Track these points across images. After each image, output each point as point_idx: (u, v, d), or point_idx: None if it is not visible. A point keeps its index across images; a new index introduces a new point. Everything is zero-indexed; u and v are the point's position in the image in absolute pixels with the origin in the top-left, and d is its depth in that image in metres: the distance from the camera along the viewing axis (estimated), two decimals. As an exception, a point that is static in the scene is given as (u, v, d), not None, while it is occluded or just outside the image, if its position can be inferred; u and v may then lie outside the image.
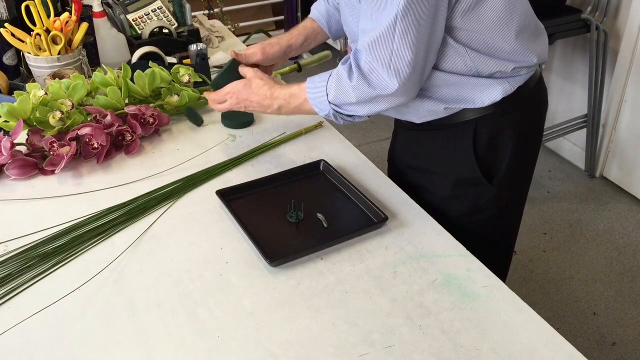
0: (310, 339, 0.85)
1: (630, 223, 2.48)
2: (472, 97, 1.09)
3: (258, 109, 1.18)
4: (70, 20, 1.44)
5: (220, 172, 1.22)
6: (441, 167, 1.19)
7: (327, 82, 1.07)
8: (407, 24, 0.94)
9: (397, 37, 0.95)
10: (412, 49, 0.96)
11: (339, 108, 1.07)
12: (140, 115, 1.30)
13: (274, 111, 1.16)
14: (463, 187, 1.18)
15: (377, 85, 1.00)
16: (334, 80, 1.05)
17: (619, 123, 2.58)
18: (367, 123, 3.20)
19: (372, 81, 1.01)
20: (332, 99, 1.07)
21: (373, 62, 0.99)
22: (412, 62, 0.97)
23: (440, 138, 1.17)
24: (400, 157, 1.30)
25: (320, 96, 1.08)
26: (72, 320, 0.89)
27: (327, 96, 1.06)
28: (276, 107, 1.15)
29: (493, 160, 1.16)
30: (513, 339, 0.85)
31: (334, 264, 0.99)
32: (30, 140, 1.24)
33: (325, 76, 1.08)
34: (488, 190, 1.18)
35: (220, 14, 3.46)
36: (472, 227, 1.21)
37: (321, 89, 1.08)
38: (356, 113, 1.07)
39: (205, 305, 0.91)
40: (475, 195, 1.19)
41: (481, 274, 0.97)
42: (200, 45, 1.51)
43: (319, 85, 1.08)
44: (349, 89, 1.03)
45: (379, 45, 0.97)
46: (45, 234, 1.05)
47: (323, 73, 1.10)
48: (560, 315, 2.07)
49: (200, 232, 1.06)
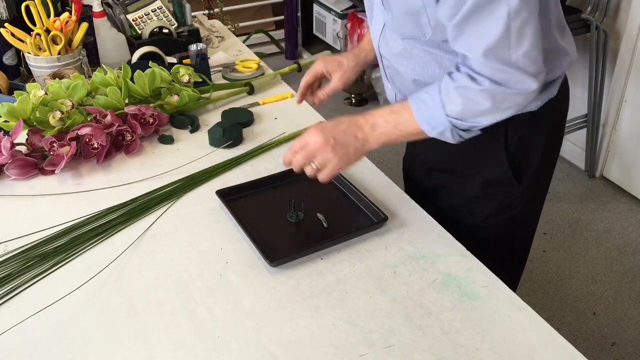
0: (310, 339, 0.85)
1: (630, 223, 2.48)
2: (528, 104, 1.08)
3: (353, 144, 1.00)
4: (70, 20, 1.44)
5: (220, 172, 1.22)
6: (471, 167, 1.17)
7: (440, 94, 0.97)
8: (522, 21, 0.88)
9: (514, 38, 0.89)
10: (531, 43, 0.90)
11: (461, 121, 0.97)
12: (140, 115, 1.30)
13: (371, 138, 1.01)
14: (492, 187, 1.16)
15: (511, 85, 0.93)
16: (454, 91, 0.96)
17: (619, 123, 2.58)
18: (367, 123, 3.20)
19: (505, 82, 0.93)
20: (453, 113, 0.96)
21: (498, 65, 0.92)
22: (535, 54, 0.92)
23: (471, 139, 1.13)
24: (423, 159, 1.27)
25: (433, 111, 0.98)
26: (72, 320, 0.89)
27: (444, 109, 0.96)
28: (370, 128, 1.00)
29: (523, 159, 1.15)
30: (513, 339, 0.85)
31: (334, 264, 0.99)
32: (30, 140, 1.24)
33: (433, 90, 0.98)
34: (516, 189, 1.17)
35: (220, 14, 3.46)
36: (498, 227, 1.21)
37: (434, 103, 0.97)
38: (480, 123, 0.98)
39: (205, 305, 0.91)
40: (504, 195, 1.18)
41: (481, 274, 0.97)
42: (200, 45, 1.51)
43: (429, 99, 0.98)
44: (481, 95, 0.94)
45: (498, 53, 0.90)
46: (45, 234, 1.05)
47: (425, 89, 1.01)
48: (560, 315, 2.06)
49: (200, 232, 1.06)
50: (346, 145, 0.99)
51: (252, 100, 1.49)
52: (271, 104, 1.49)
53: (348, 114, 1.02)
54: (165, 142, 1.32)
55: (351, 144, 1.00)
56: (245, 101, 1.49)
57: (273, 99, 1.50)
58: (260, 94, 1.53)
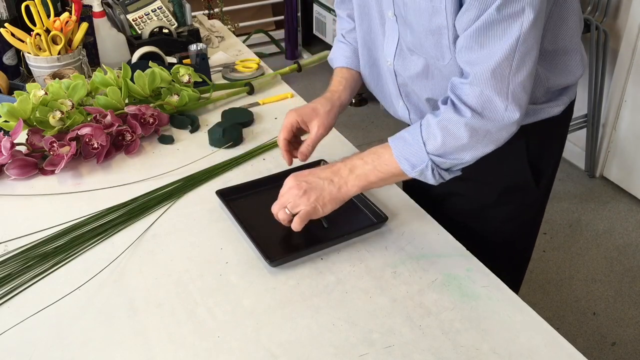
0: (310, 339, 0.85)
1: (630, 223, 2.48)
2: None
3: (328, 188, 0.99)
4: (70, 20, 1.44)
5: (220, 172, 1.22)
6: (489, 174, 1.14)
7: (420, 131, 0.95)
8: (527, 47, 0.87)
9: (515, 63, 0.88)
10: (529, 71, 0.89)
11: (441, 158, 0.95)
12: (140, 115, 1.30)
13: (349, 181, 0.99)
14: (510, 193, 1.15)
15: (495, 117, 0.91)
16: (435, 126, 0.93)
17: (619, 123, 2.58)
18: (367, 123, 3.20)
19: (488, 114, 0.91)
20: (433, 149, 0.94)
21: (489, 93, 0.90)
22: (528, 85, 0.91)
23: None
24: None
25: (414, 150, 0.95)
26: (72, 320, 0.89)
27: (425, 146, 0.94)
28: (347, 171, 0.99)
29: (542, 163, 1.14)
30: (513, 339, 0.85)
31: (334, 264, 0.99)
32: (30, 140, 1.24)
33: (414, 128, 0.97)
34: (533, 193, 1.17)
35: (220, 14, 3.46)
36: (511, 232, 1.21)
37: (415, 141, 0.95)
38: (462, 160, 0.95)
39: (205, 305, 0.91)
40: (521, 200, 1.17)
41: (481, 274, 0.97)
42: (200, 45, 1.51)
43: (409, 137, 0.96)
44: (461, 128, 0.92)
45: (498, 74, 0.88)
46: (45, 234, 1.05)
47: (406, 129, 0.99)
48: (560, 315, 2.06)
49: (200, 232, 1.06)
50: (320, 189, 0.98)
51: (252, 100, 1.49)
52: (271, 104, 1.49)
53: (348, 114, 1.02)
54: (165, 142, 1.32)
55: (326, 189, 0.98)
56: (245, 101, 1.49)
57: (273, 99, 1.50)
58: (260, 94, 1.53)
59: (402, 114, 1.18)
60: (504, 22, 0.85)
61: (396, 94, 1.15)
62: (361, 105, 3.37)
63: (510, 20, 0.85)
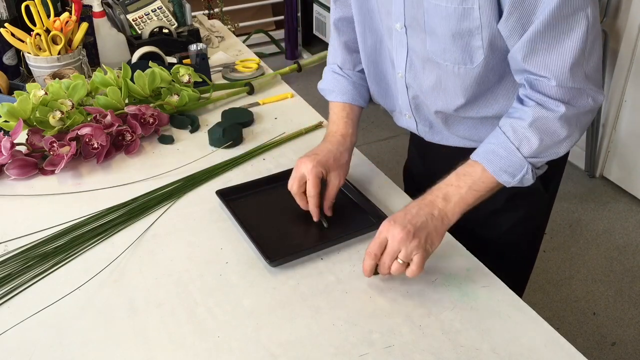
0: (310, 339, 0.85)
1: (630, 223, 2.48)
2: None
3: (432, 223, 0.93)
4: (70, 20, 1.44)
5: (220, 172, 1.22)
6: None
7: (508, 140, 0.93)
8: (595, 32, 0.87)
9: (588, 50, 0.88)
10: (599, 54, 0.90)
11: (538, 158, 0.93)
12: (140, 115, 1.30)
13: (448, 211, 0.94)
14: (520, 198, 1.14)
15: (584, 104, 0.91)
16: (526, 129, 0.92)
17: (619, 123, 2.58)
18: (367, 123, 3.20)
19: (578, 102, 0.91)
20: (530, 152, 0.93)
21: (572, 84, 0.89)
22: (600, 64, 0.91)
23: None
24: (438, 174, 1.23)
25: (510, 160, 0.93)
26: (72, 320, 0.89)
27: (520, 151, 0.92)
28: (443, 202, 0.94)
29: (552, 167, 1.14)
30: (513, 339, 0.85)
31: (334, 264, 0.99)
32: (30, 140, 1.24)
33: (498, 138, 0.94)
34: (543, 198, 1.16)
35: (220, 14, 3.46)
36: (520, 237, 1.20)
37: (507, 151, 0.93)
38: (558, 153, 0.94)
39: (205, 305, 0.91)
40: (530, 205, 1.17)
41: (481, 274, 0.96)
42: (200, 45, 1.51)
43: (499, 148, 0.94)
44: (557, 123, 0.91)
45: (575, 66, 0.88)
46: (45, 234, 1.05)
47: (486, 143, 0.96)
48: (560, 315, 2.06)
49: (200, 232, 1.06)
50: (426, 227, 0.91)
51: (252, 100, 1.49)
52: (271, 104, 1.49)
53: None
54: (165, 142, 1.32)
55: (430, 224, 0.92)
56: (245, 101, 1.49)
57: (273, 99, 1.50)
58: (260, 94, 1.53)
59: (409, 125, 1.18)
60: (572, 17, 0.84)
61: (406, 106, 1.13)
62: (361, 105, 3.37)
63: (577, 13, 0.84)
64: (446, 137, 1.14)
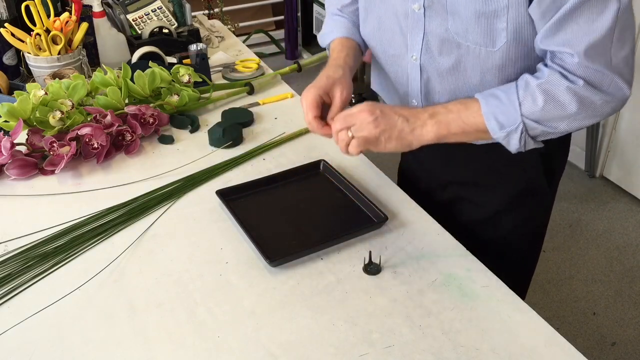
0: (310, 339, 0.85)
1: (630, 223, 2.48)
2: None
3: (400, 125, 0.93)
4: (70, 20, 1.44)
5: (220, 172, 1.22)
6: (502, 178, 1.13)
7: (516, 91, 0.91)
8: (626, 20, 0.85)
9: (616, 37, 0.86)
10: (630, 46, 0.87)
11: (536, 124, 0.91)
12: (140, 115, 1.30)
13: (427, 125, 0.93)
14: (524, 197, 1.14)
15: (605, 90, 0.89)
16: (537, 88, 0.89)
17: (619, 123, 2.58)
18: (367, 123, 3.20)
19: (599, 85, 0.88)
20: (530, 112, 0.90)
21: (595, 67, 0.87)
22: (631, 60, 0.89)
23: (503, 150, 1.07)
24: (435, 174, 1.22)
25: (506, 109, 0.91)
26: (72, 320, 0.89)
27: (520, 108, 0.90)
28: (427, 116, 0.93)
29: (554, 166, 1.13)
30: (513, 339, 0.85)
31: (334, 264, 0.99)
32: (30, 140, 1.24)
33: (509, 87, 0.92)
34: (546, 197, 1.16)
35: (220, 14, 3.46)
36: (523, 238, 1.20)
37: (509, 100, 0.91)
38: (556, 129, 0.92)
39: (205, 305, 0.91)
40: (534, 204, 1.16)
41: (481, 274, 0.96)
42: (200, 45, 1.51)
43: (503, 95, 0.91)
44: (568, 96, 0.88)
45: (600, 49, 0.86)
46: (45, 234, 1.05)
47: (497, 87, 0.94)
48: (560, 315, 2.07)
49: (200, 232, 1.06)
50: (392, 123, 0.92)
51: (252, 100, 1.49)
52: (271, 104, 1.49)
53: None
54: (165, 142, 1.32)
55: (398, 125, 0.92)
56: (245, 101, 1.49)
57: (273, 99, 1.50)
58: (260, 94, 1.53)
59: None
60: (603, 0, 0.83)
61: (416, 92, 1.09)
62: (361, 105, 3.37)
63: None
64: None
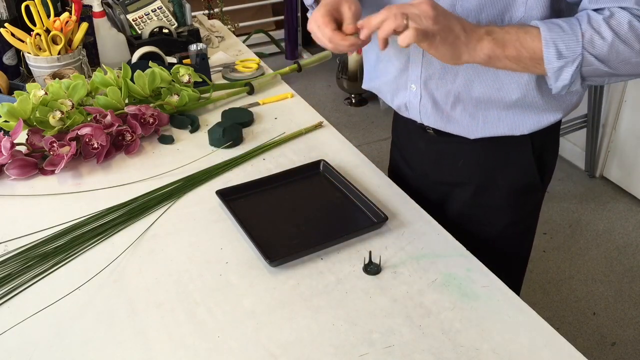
0: (310, 339, 0.85)
1: (630, 223, 2.48)
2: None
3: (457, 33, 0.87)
4: (70, 20, 1.44)
5: (220, 172, 1.22)
6: (492, 177, 1.13)
7: (580, 24, 0.86)
8: None
9: None
10: None
11: (596, 59, 0.86)
12: (140, 115, 1.30)
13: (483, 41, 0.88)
14: (517, 196, 1.14)
15: None
16: (604, 25, 0.85)
17: (619, 123, 2.58)
18: (367, 123, 3.20)
19: None
20: (594, 48, 0.85)
21: None
22: None
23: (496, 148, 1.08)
24: (424, 173, 1.23)
25: (568, 38, 0.86)
26: (72, 320, 0.89)
27: (583, 39, 0.85)
28: (484, 32, 0.88)
29: (546, 163, 1.13)
30: (513, 339, 0.85)
31: (334, 264, 0.99)
32: (30, 140, 1.24)
33: (571, 20, 0.88)
34: (539, 195, 1.16)
35: (220, 14, 3.47)
36: (514, 236, 1.20)
37: (572, 30, 0.86)
38: (615, 73, 0.88)
39: (205, 306, 0.91)
40: (526, 202, 1.16)
41: (481, 274, 0.96)
42: (200, 45, 1.51)
43: (566, 25, 0.86)
44: (637, 41, 0.84)
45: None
46: (45, 234, 1.05)
47: (559, 18, 0.88)
48: (560, 315, 2.07)
49: (200, 232, 1.06)
50: (451, 26, 0.86)
51: (252, 100, 1.49)
52: (271, 104, 1.49)
53: (348, 114, 1.00)
54: (165, 142, 1.32)
55: (455, 32, 0.86)
56: (245, 101, 1.49)
57: (273, 99, 1.50)
58: (260, 94, 1.53)
59: (409, 100, 1.11)
60: None
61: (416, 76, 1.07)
62: (361, 105, 3.37)
63: None
64: (446, 119, 1.09)
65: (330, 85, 3.52)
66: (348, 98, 3.41)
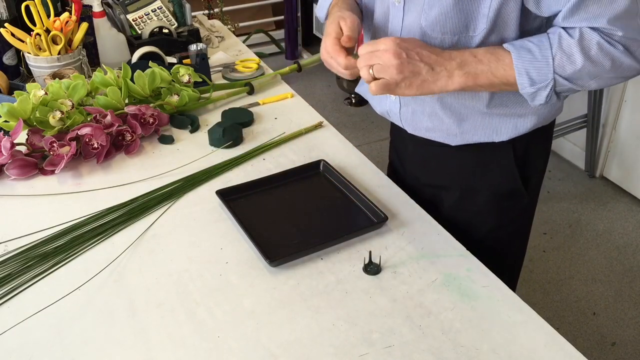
0: (310, 339, 0.85)
1: (630, 223, 2.48)
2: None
3: (424, 75, 0.89)
4: (70, 20, 1.44)
5: (220, 172, 1.22)
6: (475, 182, 1.14)
7: (550, 47, 0.88)
8: None
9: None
10: None
11: (567, 81, 0.89)
12: (140, 115, 1.30)
13: (454, 76, 0.90)
14: (498, 201, 1.15)
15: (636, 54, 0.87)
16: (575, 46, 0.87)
17: (619, 123, 2.58)
18: (367, 123, 3.20)
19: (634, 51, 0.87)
20: (565, 70, 0.88)
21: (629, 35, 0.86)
22: None
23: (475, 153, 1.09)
24: (414, 175, 1.24)
25: (540, 65, 0.88)
26: (72, 320, 0.89)
27: (554, 63, 0.87)
28: (456, 65, 0.89)
29: (530, 168, 1.13)
30: (513, 339, 0.85)
31: (334, 264, 0.99)
32: (30, 140, 1.24)
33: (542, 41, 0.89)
34: (523, 200, 1.16)
35: (220, 14, 3.47)
36: (501, 239, 1.20)
37: (543, 56, 0.88)
38: (587, 87, 0.91)
39: (205, 306, 0.91)
40: (510, 207, 1.17)
41: (481, 274, 0.97)
42: (200, 45, 1.51)
43: (537, 50, 0.88)
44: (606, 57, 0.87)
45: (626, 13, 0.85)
46: (45, 234, 1.05)
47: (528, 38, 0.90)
48: (560, 315, 2.07)
49: (200, 232, 1.06)
50: (417, 71, 0.89)
51: (252, 100, 1.49)
52: (271, 104, 1.49)
53: (348, 114, 1.01)
54: (165, 142, 1.32)
55: (422, 74, 0.89)
56: (245, 101, 1.49)
57: (273, 99, 1.50)
58: (260, 94, 1.53)
59: (390, 108, 1.16)
60: None
61: None
62: (361, 105, 3.37)
63: None
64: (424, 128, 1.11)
65: (330, 85, 3.52)
66: (348, 98, 3.41)
